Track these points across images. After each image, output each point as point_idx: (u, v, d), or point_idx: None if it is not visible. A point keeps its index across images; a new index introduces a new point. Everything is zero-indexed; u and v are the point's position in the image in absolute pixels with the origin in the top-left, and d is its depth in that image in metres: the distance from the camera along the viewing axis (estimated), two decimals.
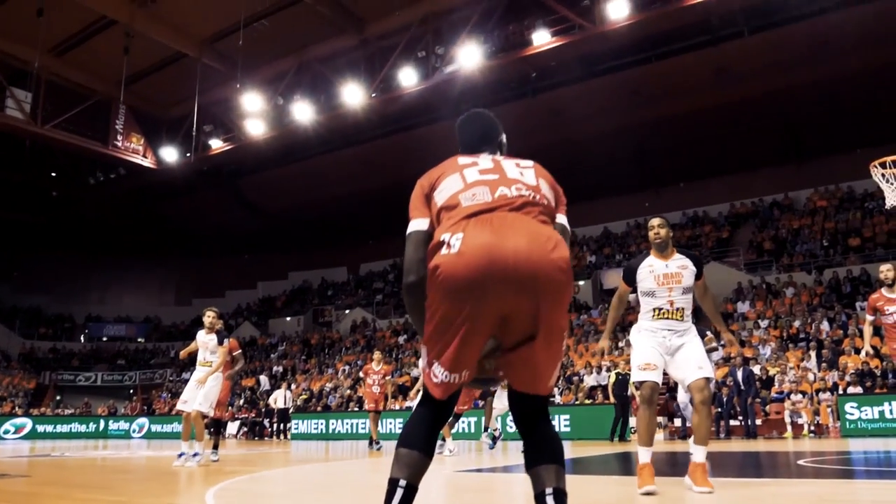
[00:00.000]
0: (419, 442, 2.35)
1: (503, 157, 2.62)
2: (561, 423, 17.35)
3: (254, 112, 24.57)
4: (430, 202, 2.46)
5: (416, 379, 17.52)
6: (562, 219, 2.58)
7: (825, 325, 19.06)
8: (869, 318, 8.24)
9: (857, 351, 17.30)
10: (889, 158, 7.38)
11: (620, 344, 21.63)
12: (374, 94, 22.87)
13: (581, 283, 26.99)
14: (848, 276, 21.19)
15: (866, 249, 22.16)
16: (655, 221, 5.40)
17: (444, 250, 2.20)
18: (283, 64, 24.64)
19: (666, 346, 5.15)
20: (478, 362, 2.38)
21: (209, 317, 9.21)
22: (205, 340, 9.13)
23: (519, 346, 2.31)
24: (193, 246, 36.19)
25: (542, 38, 20.32)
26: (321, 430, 21.51)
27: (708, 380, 5.06)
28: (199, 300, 36.15)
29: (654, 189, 27.92)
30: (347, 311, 33.07)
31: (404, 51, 22.10)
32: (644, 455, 5.01)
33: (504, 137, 2.80)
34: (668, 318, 5.19)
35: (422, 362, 2.42)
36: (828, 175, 25.48)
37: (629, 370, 7.39)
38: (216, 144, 26.74)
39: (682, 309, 5.21)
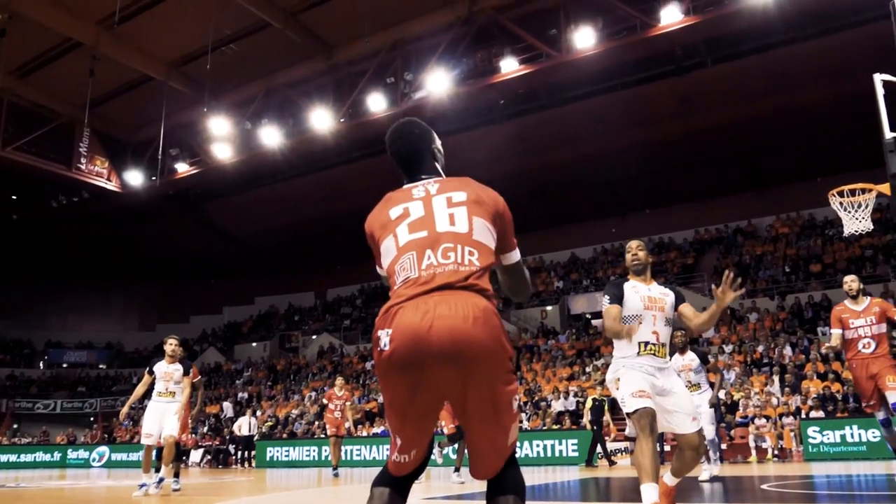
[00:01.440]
0: (392, 482, 2.42)
1: (437, 184, 2.56)
2: (533, 448, 17.34)
3: (221, 136, 24.45)
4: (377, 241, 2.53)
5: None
6: (510, 257, 2.60)
7: (788, 350, 19.33)
8: (836, 331, 7.72)
9: (820, 375, 17.56)
10: (846, 187, 7.53)
11: (587, 369, 21.71)
12: (342, 120, 22.90)
13: (549, 308, 27.10)
14: (810, 301, 21.55)
15: (827, 275, 22.57)
16: (634, 243, 4.98)
17: (378, 348, 2.28)
18: (251, 88, 24.58)
19: (653, 385, 4.57)
20: None
21: (171, 345, 8.91)
22: (168, 371, 8.78)
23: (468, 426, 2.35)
24: (158, 270, 35.69)
25: (510, 66, 20.55)
26: (287, 457, 21.21)
27: (700, 432, 4.68)
28: (163, 325, 35.59)
29: (621, 215, 28.22)
30: (314, 337, 32.79)
31: (373, 76, 22.20)
32: (650, 494, 4.18)
33: (438, 144, 2.78)
34: (653, 355, 4.66)
35: None
36: (789, 202, 26.00)
37: (607, 394, 7.15)
38: (182, 168, 26.51)
39: (665, 346, 4.75)
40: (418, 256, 2.38)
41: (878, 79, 6.74)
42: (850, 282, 7.76)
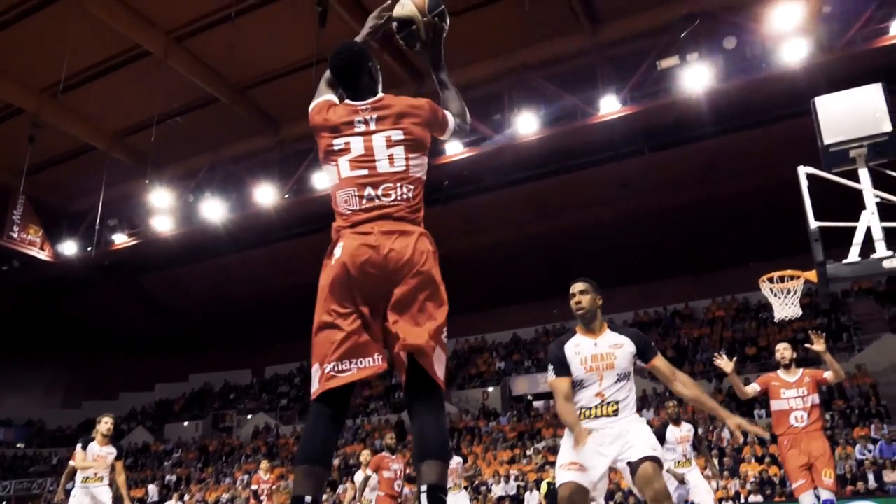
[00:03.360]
0: (318, 456, 2.62)
1: (374, 114, 2.94)
2: None
3: (162, 208, 24.11)
4: (319, 145, 3.00)
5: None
6: (446, 116, 3.15)
7: (726, 433, 19.50)
8: (755, 386, 7.47)
9: (758, 458, 17.71)
10: (776, 274, 7.77)
11: (528, 452, 21.48)
12: (287, 196, 22.88)
13: (490, 389, 26.94)
14: (746, 384, 21.86)
15: (762, 358, 23.04)
16: (577, 287, 4.53)
17: (330, 261, 2.76)
18: (195, 161, 24.47)
19: (600, 442, 4.14)
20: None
21: (107, 424, 8.21)
22: (101, 453, 8.10)
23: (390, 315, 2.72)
24: (88, 344, 34.39)
25: (455, 148, 20.96)
26: None
27: (659, 465, 4.05)
28: (90, 402, 34.09)
29: (561, 296, 28.38)
30: (250, 416, 31.78)
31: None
32: None
33: (374, 63, 3.16)
34: (596, 417, 4.19)
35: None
36: (724, 286, 26.71)
37: None
38: (120, 240, 25.95)
39: (617, 403, 4.22)
40: (359, 190, 2.83)
41: (803, 171, 7.06)
42: (783, 349, 7.43)
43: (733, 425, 4.18)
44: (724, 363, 7.35)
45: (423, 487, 2.50)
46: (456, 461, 8.32)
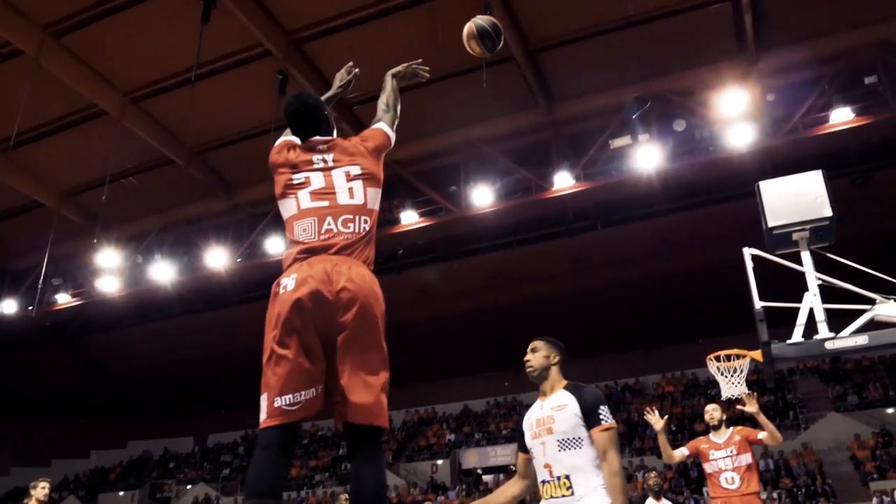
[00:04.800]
0: (268, 489, 2.56)
1: (331, 154, 3.09)
2: None
3: (109, 269, 23.57)
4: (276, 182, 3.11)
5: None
6: (387, 136, 3.33)
7: None
8: (682, 450, 7.29)
9: None
10: (722, 353, 7.89)
11: None
12: (239, 260, 22.63)
13: (439, 462, 26.48)
14: (695, 460, 21.91)
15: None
16: (530, 346, 3.99)
17: (281, 290, 2.77)
18: (146, 222, 24.12)
19: None
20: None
21: (44, 489, 7.71)
22: None
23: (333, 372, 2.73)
24: (20, 407, 32.94)
25: (410, 218, 21.08)
26: None
27: None
28: (19, 469, 32.41)
29: (514, 368, 28.45)
30: (189, 486, 30.61)
31: (274, 219, 22.23)
32: None
33: (328, 113, 3.32)
34: (552, 498, 3.57)
35: None
36: (674, 362, 26.98)
37: None
38: (64, 299, 25.23)
39: (569, 476, 3.55)
40: (319, 222, 2.92)
41: (748, 253, 7.25)
42: (712, 410, 7.23)
43: None
44: (654, 420, 7.23)
45: None
46: None
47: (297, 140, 3.25)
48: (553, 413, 3.66)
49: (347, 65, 3.81)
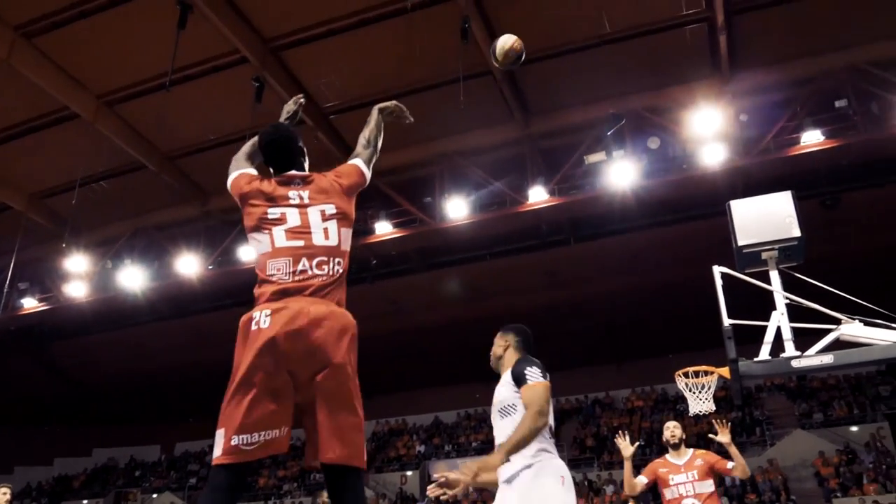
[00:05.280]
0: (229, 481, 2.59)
1: (307, 191, 3.06)
2: None
3: (78, 274, 23.24)
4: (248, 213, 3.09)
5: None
6: (363, 173, 3.36)
7: None
8: (641, 479, 6.77)
9: None
10: (691, 369, 7.97)
11: None
12: (211, 267, 22.43)
13: (409, 473, 26.38)
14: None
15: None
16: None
17: (253, 326, 2.72)
18: (117, 227, 23.81)
19: None
20: None
21: (5, 495, 7.68)
22: None
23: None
24: None
25: (384, 228, 21.05)
26: None
27: None
28: None
29: (485, 381, 28.41)
30: (155, 496, 30.17)
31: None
32: None
33: (302, 144, 3.32)
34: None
35: None
36: (644, 377, 27.17)
37: None
38: (30, 304, 24.81)
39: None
40: (294, 262, 2.87)
41: (717, 271, 7.35)
42: (672, 428, 6.89)
43: None
44: (624, 446, 6.88)
45: None
46: None
47: (254, 172, 3.23)
48: (497, 388, 3.88)
49: (296, 96, 3.77)
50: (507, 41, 5.03)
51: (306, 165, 3.30)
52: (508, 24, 17.34)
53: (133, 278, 22.80)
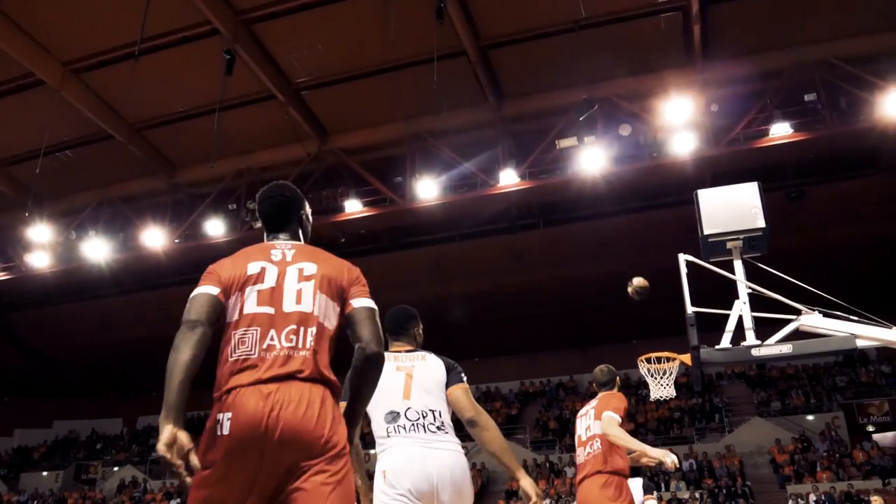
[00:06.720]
0: None
1: (293, 250, 2.72)
2: None
3: (40, 244, 22.82)
4: (225, 293, 2.61)
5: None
6: (358, 302, 2.76)
7: None
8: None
9: None
10: (653, 355, 8.09)
11: None
12: (177, 240, 22.16)
13: (372, 451, 26.43)
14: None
15: (639, 434, 23.64)
16: None
17: (218, 431, 2.38)
18: (82, 197, 23.41)
19: None
20: None
21: None
22: None
23: None
24: None
25: (354, 207, 20.94)
26: None
27: None
28: None
29: (452, 360, 28.58)
30: (116, 469, 29.92)
31: (215, 201, 21.82)
32: None
33: (307, 210, 3.00)
34: None
35: None
36: (607, 361, 27.10)
37: None
38: None
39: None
40: (261, 335, 2.49)
41: (682, 258, 7.43)
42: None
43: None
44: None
45: None
46: None
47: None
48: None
49: None
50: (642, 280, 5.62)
51: (303, 234, 2.98)
52: (483, 5, 17.30)
53: (97, 250, 22.44)
